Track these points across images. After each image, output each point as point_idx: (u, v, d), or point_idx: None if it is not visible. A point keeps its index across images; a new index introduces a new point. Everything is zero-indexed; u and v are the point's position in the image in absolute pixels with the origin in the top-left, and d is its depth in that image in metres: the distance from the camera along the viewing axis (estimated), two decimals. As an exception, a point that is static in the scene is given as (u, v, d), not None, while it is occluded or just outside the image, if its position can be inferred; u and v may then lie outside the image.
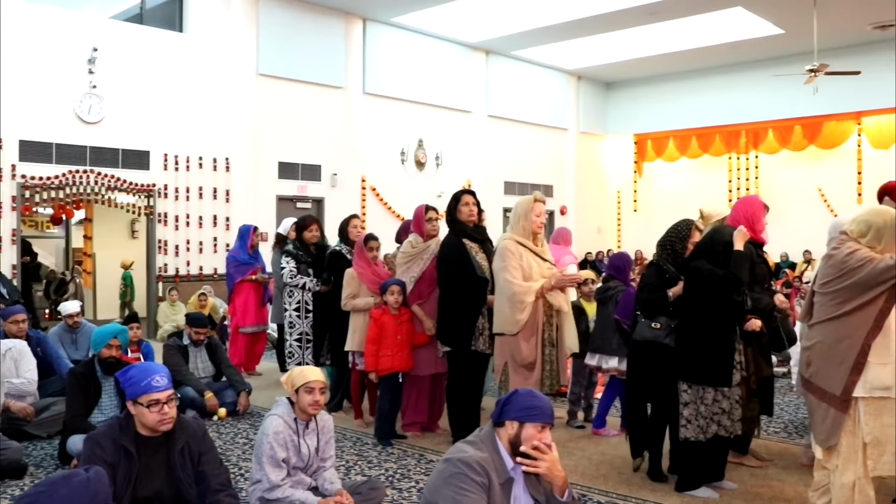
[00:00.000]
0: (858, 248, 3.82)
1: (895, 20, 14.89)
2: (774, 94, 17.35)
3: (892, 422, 3.81)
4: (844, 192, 17.49)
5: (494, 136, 17.78)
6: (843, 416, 3.84)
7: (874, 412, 3.80)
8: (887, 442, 3.80)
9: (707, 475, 4.88)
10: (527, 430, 2.99)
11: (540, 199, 5.55)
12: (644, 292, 5.02)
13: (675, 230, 5.14)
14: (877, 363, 3.77)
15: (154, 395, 3.40)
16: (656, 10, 14.20)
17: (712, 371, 4.63)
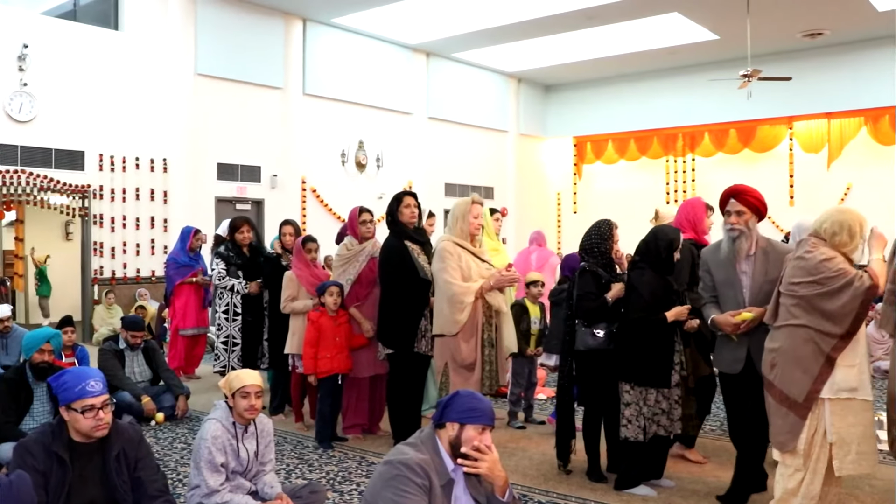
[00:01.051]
0: (834, 256, 3.88)
1: (824, 29, 15.37)
2: (710, 99, 17.68)
3: (857, 421, 3.91)
4: (777, 195, 17.90)
5: (435, 137, 17.81)
6: (802, 423, 3.93)
7: (840, 413, 3.89)
8: (852, 441, 3.90)
9: (646, 473, 4.96)
10: (467, 432, 3.00)
11: (478, 201, 5.58)
12: (585, 301, 5.02)
13: (597, 232, 5.17)
14: (844, 365, 3.86)
15: (89, 401, 3.32)
16: (595, 14, 14.37)
17: (654, 372, 4.70)
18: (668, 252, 4.75)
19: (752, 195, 4.54)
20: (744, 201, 4.49)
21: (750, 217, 4.47)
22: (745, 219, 4.45)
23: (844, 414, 3.88)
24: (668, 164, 19.74)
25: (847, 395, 3.86)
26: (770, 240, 4.53)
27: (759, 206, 4.52)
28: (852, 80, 16.51)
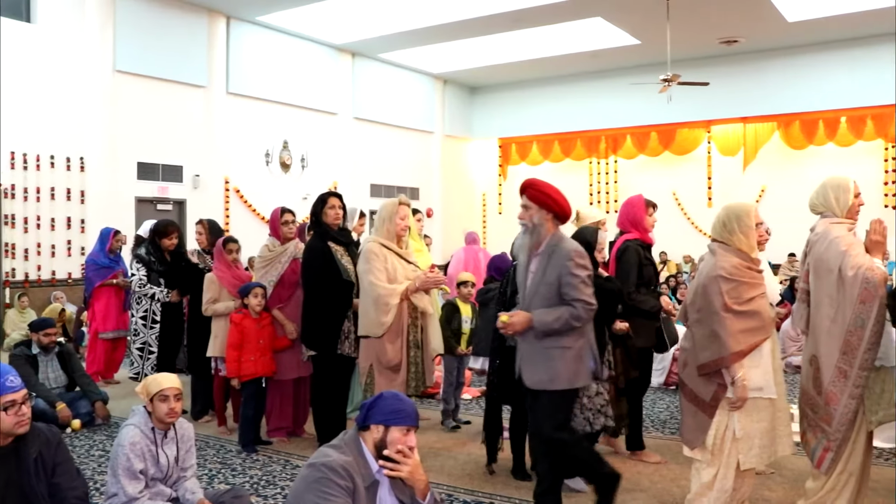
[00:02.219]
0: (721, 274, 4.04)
1: (739, 37, 15.85)
2: (632, 102, 18.04)
3: (762, 418, 4.07)
4: (696, 197, 18.43)
5: (361, 138, 17.74)
6: (709, 421, 4.06)
7: (746, 410, 4.03)
8: (756, 436, 4.06)
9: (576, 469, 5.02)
10: (392, 434, 3.00)
11: (405, 203, 5.57)
12: (516, 298, 5.02)
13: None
14: (750, 365, 3.99)
15: (9, 396, 3.19)
16: (520, 18, 14.52)
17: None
18: (589, 252, 4.81)
19: (539, 189, 4.29)
20: (531, 196, 4.27)
21: (537, 212, 4.27)
22: (530, 214, 4.28)
23: (750, 411, 4.03)
24: (592, 165, 20.09)
25: (754, 394, 4.00)
26: (563, 240, 4.26)
27: (548, 202, 4.26)
28: (766, 87, 17.09)
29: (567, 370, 4.14)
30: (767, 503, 4.74)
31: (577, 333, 4.15)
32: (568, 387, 4.16)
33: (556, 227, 4.30)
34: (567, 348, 4.13)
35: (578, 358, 4.16)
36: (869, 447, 4.20)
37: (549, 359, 4.15)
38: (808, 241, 4.27)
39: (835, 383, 4.01)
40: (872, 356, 3.98)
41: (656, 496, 4.88)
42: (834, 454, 4.04)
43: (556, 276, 4.13)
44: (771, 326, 4.11)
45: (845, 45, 16.13)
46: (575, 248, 4.19)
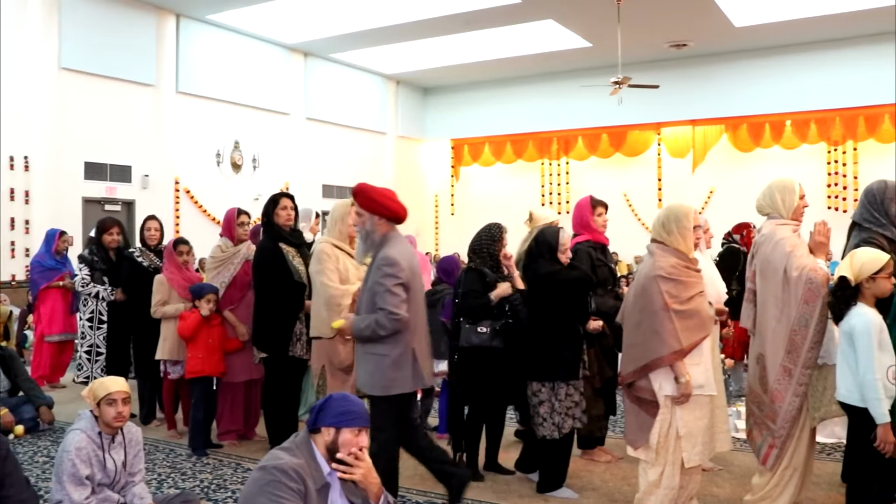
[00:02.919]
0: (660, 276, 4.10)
1: (689, 41, 16.09)
2: (583, 104, 18.18)
3: (704, 415, 4.17)
4: (646, 198, 18.66)
5: (313, 138, 17.63)
6: (651, 420, 4.12)
7: (688, 408, 4.11)
8: (698, 433, 4.15)
9: (562, 476, 5.03)
10: (343, 435, 3.00)
11: None
12: (467, 299, 5.10)
13: (488, 234, 5.27)
14: (690, 364, 4.07)
15: None
16: (473, 19, 14.56)
17: (564, 365, 4.79)
18: (550, 254, 4.84)
19: (369, 196, 4.27)
20: (361, 203, 4.28)
21: (369, 219, 4.27)
22: (363, 220, 4.30)
23: (692, 409, 4.12)
24: (544, 166, 20.22)
25: (696, 391, 4.08)
26: (383, 247, 4.27)
27: (378, 208, 4.26)
28: (714, 90, 17.39)
29: (382, 377, 4.19)
30: (715, 499, 4.81)
31: (394, 341, 4.17)
32: (382, 393, 4.21)
33: (390, 230, 4.33)
34: (383, 356, 4.18)
35: (396, 366, 4.18)
36: (812, 443, 4.31)
37: (367, 364, 4.24)
38: (754, 242, 4.37)
39: (780, 381, 4.10)
40: (815, 354, 4.08)
41: (607, 495, 4.94)
42: (779, 450, 4.14)
43: (372, 282, 4.20)
44: (710, 325, 4.21)
45: (790, 50, 16.49)
46: (385, 255, 4.18)
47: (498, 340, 5.02)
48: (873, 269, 3.69)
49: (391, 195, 4.35)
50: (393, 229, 4.33)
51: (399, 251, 4.23)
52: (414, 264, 4.32)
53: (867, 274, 3.69)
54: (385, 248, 4.22)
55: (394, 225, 4.32)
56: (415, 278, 4.28)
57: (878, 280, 3.68)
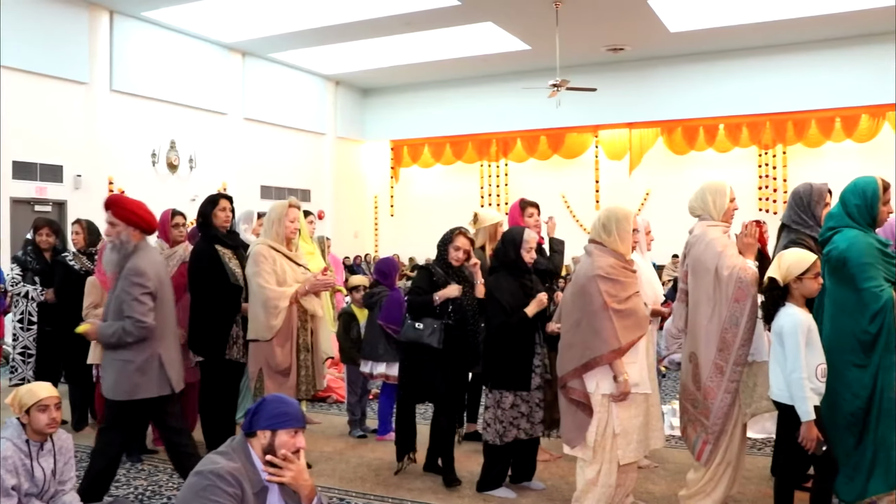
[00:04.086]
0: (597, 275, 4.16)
1: (625, 45, 16.34)
2: (522, 106, 18.34)
3: (639, 413, 4.24)
4: (584, 199, 18.91)
5: (251, 139, 17.44)
6: (588, 419, 4.17)
7: (624, 406, 4.18)
8: (633, 431, 4.22)
9: (516, 475, 5.07)
10: (280, 437, 2.97)
11: (294, 205, 5.50)
12: (412, 294, 5.14)
13: (446, 236, 5.27)
14: (627, 362, 4.14)
15: None
16: (412, 21, 14.57)
17: (510, 376, 4.76)
18: (515, 252, 4.84)
19: (123, 207, 4.40)
20: (115, 213, 4.38)
21: (124, 229, 4.37)
22: (117, 231, 4.38)
23: (628, 407, 4.20)
24: (483, 168, 20.33)
25: (631, 389, 4.15)
26: (131, 257, 4.35)
27: (132, 218, 4.37)
28: (650, 94, 17.69)
29: (127, 382, 4.32)
30: (651, 495, 4.89)
31: (140, 348, 4.33)
32: (126, 398, 4.33)
33: (141, 240, 4.46)
34: (128, 361, 4.33)
35: (141, 371, 4.33)
36: (743, 438, 4.41)
37: (112, 369, 4.36)
38: (686, 242, 4.44)
39: (712, 379, 4.19)
40: (746, 352, 4.17)
41: (545, 493, 4.98)
42: (712, 446, 4.22)
43: (120, 290, 4.33)
44: (646, 324, 4.28)
45: (724, 56, 16.89)
46: (134, 265, 4.33)
47: (433, 338, 5.00)
48: (800, 270, 3.77)
49: (144, 207, 4.51)
50: (143, 240, 4.48)
51: (148, 261, 4.40)
52: (162, 274, 4.52)
53: (795, 274, 3.77)
54: (134, 258, 4.36)
55: (144, 235, 4.48)
56: (163, 287, 4.47)
57: (805, 280, 3.77)
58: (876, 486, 3.95)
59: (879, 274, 3.99)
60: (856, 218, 4.10)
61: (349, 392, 6.68)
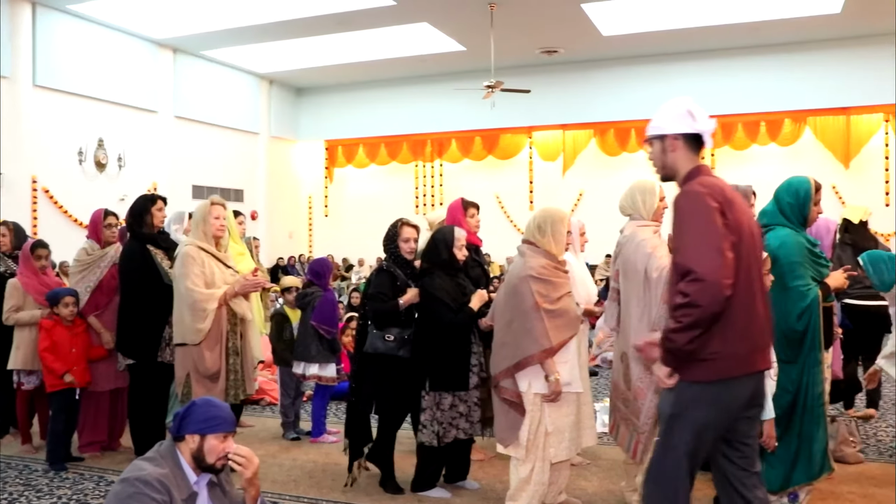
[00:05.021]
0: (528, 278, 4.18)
1: (559, 48, 16.53)
2: (457, 107, 18.40)
3: (571, 412, 4.29)
4: (518, 200, 19.06)
5: (182, 137, 17.13)
6: (521, 419, 4.19)
7: (556, 405, 4.22)
8: (565, 430, 4.27)
9: (449, 475, 5.04)
10: (209, 442, 2.93)
11: (218, 202, 5.38)
12: (375, 302, 4.89)
13: (389, 232, 5.08)
14: (559, 362, 4.17)
15: None
16: (346, 20, 14.49)
17: (448, 377, 4.73)
18: (448, 251, 4.80)
19: None
20: None
21: None
22: None
23: (560, 406, 4.24)
24: (418, 168, 20.34)
25: (563, 388, 4.19)
26: None
27: None
28: (583, 96, 17.94)
29: None
30: (584, 492, 4.94)
31: None
32: None
33: None
34: None
35: None
36: None
37: None
38: (617, 242, 4.48)
39: (642, 379, 4.22)
40: None
41: (479, 493, 4.99)
42: (644, 445, 4.27)
43: None
44: (578, 324, 4.32)
45: (655, 59, 17.22)
46: None
47: (405, 350, 4.82)
48: None
49: None
50: None
51: None
52: None
53: None
54: None
55: None
56: None
57: None
58: (798, 477, 4.08)
59: (808, 273, 4.12)
60: (788, 216, 4.23)
61: (282, 394, 6.60)
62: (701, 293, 2.77)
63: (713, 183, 3.00)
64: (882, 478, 5.16)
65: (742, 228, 2.93)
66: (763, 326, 3.00)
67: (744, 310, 2.90)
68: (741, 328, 2.89)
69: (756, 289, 2.97)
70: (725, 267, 2.79)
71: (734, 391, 2.92)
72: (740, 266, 2.87)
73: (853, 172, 16.37)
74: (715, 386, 2.89)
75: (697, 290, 2.78)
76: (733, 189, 3.08)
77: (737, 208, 2.95)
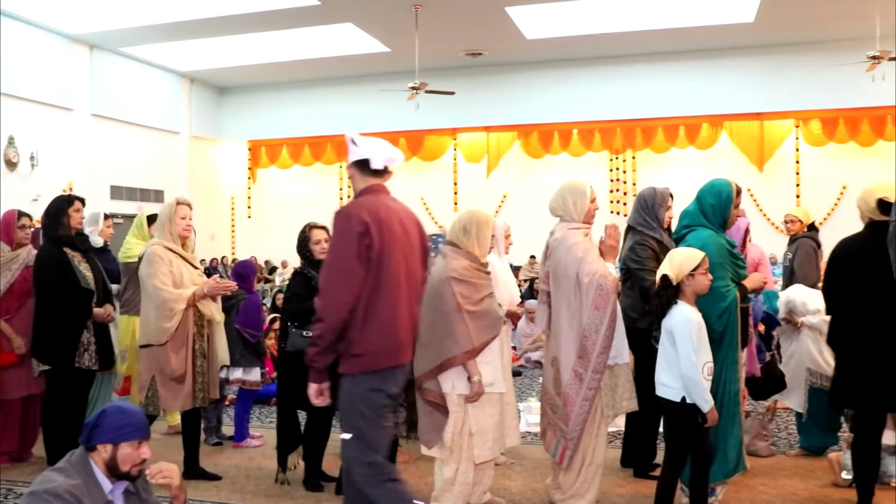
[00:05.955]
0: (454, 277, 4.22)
1: (483, 50, 16.65)
2: (382, 108, 18.32)
3: (494, 412, 4.31)
4: (442, 201, 19.11)
5: (100, 136, 16.66)
6: (444, 420, 4.20)
7: (479, 405, 4.23)
8: (489, 430, 4.29)
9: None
10: (122, 450, 2.87)
11: (183, 202, 5.32)
12: (292, 303, 4.99)
13: (300, 237, 5.16)
14: (482, 363, 4.19)
15: None
16: (270, 19, 14.32)
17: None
18: None
19: None
20: None
21: None
22: None
23: (483, 406, 4.27)
24: (341, 169, 20.20)
25: (486, 389, 4.22)
26: None
27: None
28: (507, 98, 18.12)
29: None
30: (508, 491, 4.99)
31: None
32: None
33: None
34: None
35: None
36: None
37: None
38: (547, 244, 4.49)
39: (571, 385, 4.25)
40: (605, 359, 4.23)
41: (405, 495, 4.99)
42: (572, 451, 4.29)
43: None
44: (500, 325, 4.36)
45: (578, 64, 17.50)
46: None
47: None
48: (692, 266, 3.87)
49: None
50: None
51: None
52: None
53: (687, 271, 3.86)
54: None
55: None
56: None
57: (696, 276, 3.87)
58: (715, 475, 4.18)
59: (727, 274, 4.23)
60: (709, 217, 4.32)
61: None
62: (325, 310, 3.26)
63: (367, 203, 3.44)
64: (792, 469, 5.37)
65: (393, 242, 3.36)
66: (407, 325, 3.46)
67: (387, 312, 3.35)
68: (382, 328, 3.34)
69: (402, 293, 3.42)
70: (350, 287, 3.24)
71: (385, 380, 3.39)
72: (383, 276, 3.32)
73: (767, 176, 16.94)
74: (367, 377, 3.35)
75: (322, 307, 3.28)
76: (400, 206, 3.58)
77: (388, 225, 3.38)
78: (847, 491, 4.72)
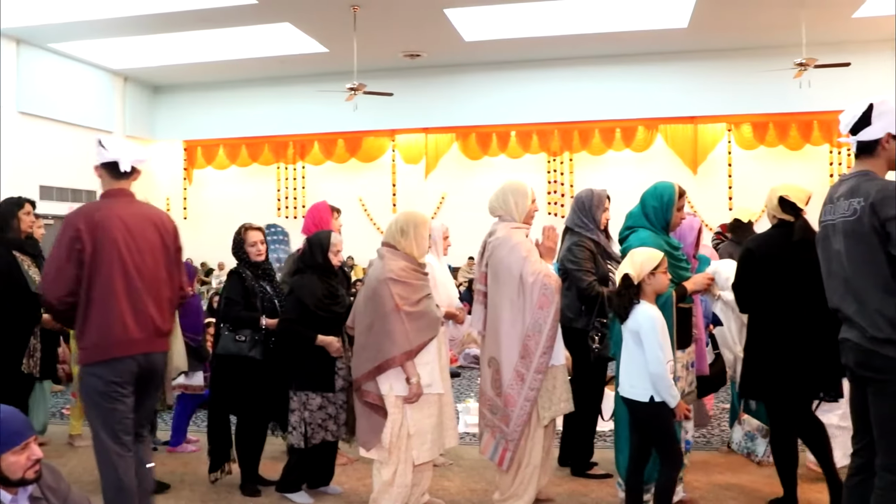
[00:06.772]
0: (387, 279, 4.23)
1: (422, 51, 16.66)
2: (320, 109, 18.18)
3: (432, 413, 4.32)
4: (381, 203, 19.07)
5: (28, 135, 16.18)
6: (382, 421, 4.20)
7: (416, 407, 4.24)
8: (427, 431, 4.30)
9: (313, 479, 4.98)
10: (6, 460, 2.77)
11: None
12: (230, 307, 4.93)
13: (235, 238, 5.13)
14: (420, 364, 4.21)
15: None
16: (207, 17, 14.10)
17: (315, 377, 4.70)
18: (323, 256, 4.78)
19: None
20: None
21: None
22: None
23: (421, 407, 4.28)
24: (280, 170, 20.03)
25: (424, 390, 4.25)
26: None
27: None
28: (446, 100, 18.14)
29: None
30: (447, 492, 5.02)
31: None
32: None
33: None
34: None
35: None
36: (551, 436, 4.59)
37: None
38: (486, 243, 4.51)
39: (512, 386, 4.27)
40: (547, 360, 4.27)
41: (343, 497, 4.99)
42: (512, 453, 4.31)
43: None
44: (438, 326, 4.37)
45: (515, 66, 17.60)
46: None
47: (256, 351, 4.88)
48: (653, 265, 3.91)
49: None
50: None
51: None
52: None
53: (648, 270, 3.89)
54: None
55: None
56: None
57: (657, 275, 3.91)
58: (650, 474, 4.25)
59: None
60: (651, 219, 4.37)
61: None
62: (44, 292, 3.68)
63: (90, 209, 3.83)
64: (725, 465, 5.51)
65: (110, 245, 3.68)
66: (132, 320, 3.68)
67: (103, 309, 3.63)
68: (98, 324, 3.62)
69: (120, 291, 3.67)
70: (61, 280, 3.62)
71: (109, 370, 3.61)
72: (96, 276, 3.63)
73: (701, 178, 17.29)
74: (91, 367, 3.64)
75: (43, 290, 3.71)
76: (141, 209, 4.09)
77: (105, 231, 3.71)
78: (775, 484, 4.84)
